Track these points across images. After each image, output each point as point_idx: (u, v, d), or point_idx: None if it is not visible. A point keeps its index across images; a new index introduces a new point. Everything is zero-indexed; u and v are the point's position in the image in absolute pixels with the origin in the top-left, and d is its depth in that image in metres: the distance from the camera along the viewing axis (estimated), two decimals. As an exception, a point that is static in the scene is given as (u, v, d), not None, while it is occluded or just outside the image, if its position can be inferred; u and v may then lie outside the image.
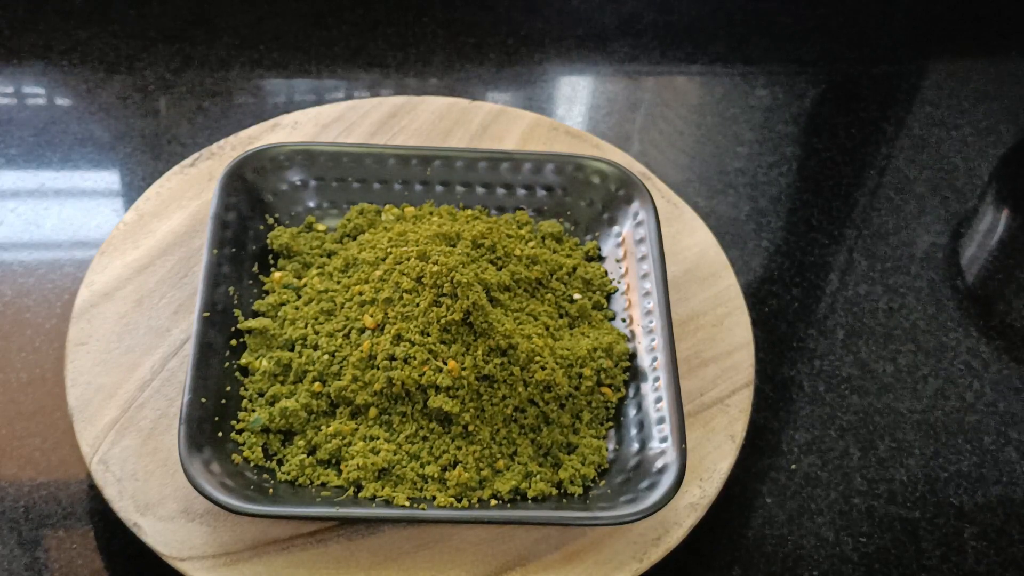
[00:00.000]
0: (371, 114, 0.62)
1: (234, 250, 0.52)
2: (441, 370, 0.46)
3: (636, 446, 0.47)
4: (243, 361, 0.48)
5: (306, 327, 0.49)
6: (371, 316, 0.47)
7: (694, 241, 0.57)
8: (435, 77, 0.72)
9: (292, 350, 0.49)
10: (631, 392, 0.49)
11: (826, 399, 0.56)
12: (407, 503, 0.44)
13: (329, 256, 0.53)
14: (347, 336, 0.48)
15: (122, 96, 0.67)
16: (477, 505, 0.45)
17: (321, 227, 0.55)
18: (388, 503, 0.44)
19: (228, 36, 0.72)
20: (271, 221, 0.55)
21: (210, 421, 0.45)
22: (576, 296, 0.52)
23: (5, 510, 0.49)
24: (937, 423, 0.56)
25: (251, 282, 0.52)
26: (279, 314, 0.50)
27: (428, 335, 0.46)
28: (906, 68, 0.77)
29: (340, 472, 0.46)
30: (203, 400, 0.46)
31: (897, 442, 0.55)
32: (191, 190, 0.57)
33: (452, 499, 0.45)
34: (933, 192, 0.68)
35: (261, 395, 0.48)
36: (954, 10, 0.81)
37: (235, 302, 0.50)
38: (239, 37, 0.72)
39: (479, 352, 0.46)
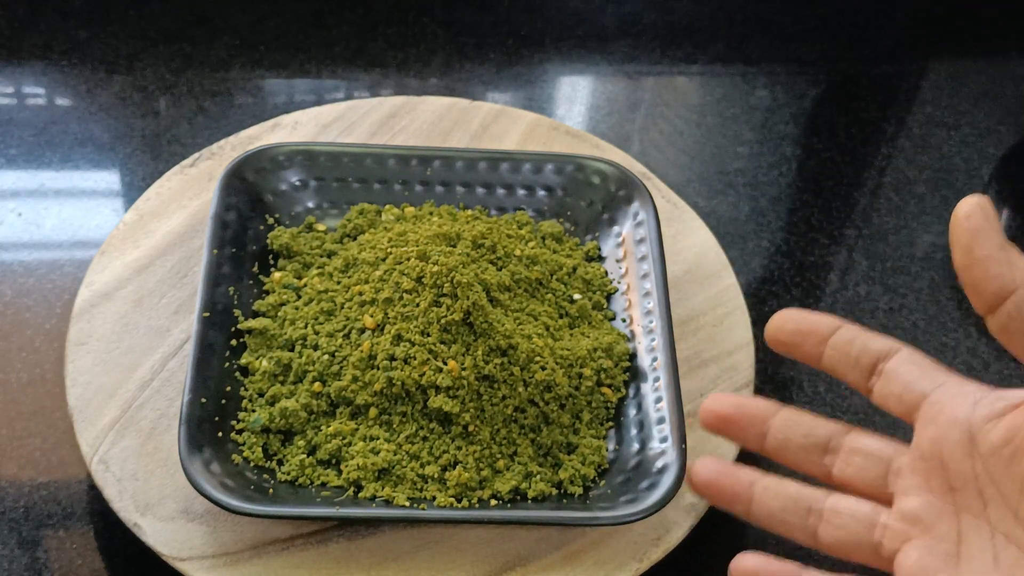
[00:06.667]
0: (371, 114, 0.62)
1: (234, 250, 0.52)
2: (441, 370, 0.46)
3: (636, 446, 0.47)
4: (243, 361, 0.48)
5: (306, 327, 0.49)
6: (371, 316, 0.47)
7: (694, 241, 0.57)
8: (435, 77, 0.72)
9: (292, 350, 0.49)
10: (631, 392, 0.49)
11: (826, 399, 0.56)
12: (407, 503, 0.44)
13: (329, 256, 0.53)
14: (347, 336, 0.48)
15: (122, 96, 0.67)
16: (477, 505, 0.45)
17: (321, 227, 0.55)
18: (388, 503, 0.44)
19: (228, 36, 0.72)
20: (271, 221, 0.55)
21: (210, 421, 0.45)
22: (576, 296, 0.52)
23: (5, 510, 0.49)
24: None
25: (251, 282, 0.52)
26: (279, 314, 0.50)
27: (428, 335, 0.46)
28: (906, 68, 0.77)
29: (340, 472, 0.46)
30: (203, 400, 0.46)
31: (897, 442, 0.55)
32: (191, 190, 0.57)
33: (452, 499, 0.45)
34: (933, 192, 0.68)
35: (261, 395, 0.48)
36: (954, 10, 0.81)
37: (235, 302, 0.50)
38: (239, 37, 0.72)
39: (479, 352, 0.46)
